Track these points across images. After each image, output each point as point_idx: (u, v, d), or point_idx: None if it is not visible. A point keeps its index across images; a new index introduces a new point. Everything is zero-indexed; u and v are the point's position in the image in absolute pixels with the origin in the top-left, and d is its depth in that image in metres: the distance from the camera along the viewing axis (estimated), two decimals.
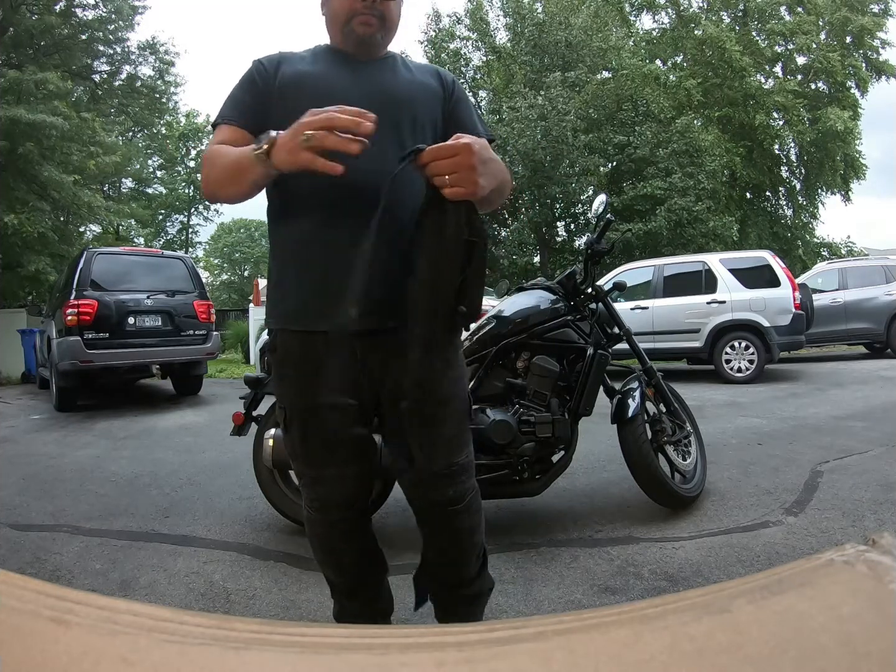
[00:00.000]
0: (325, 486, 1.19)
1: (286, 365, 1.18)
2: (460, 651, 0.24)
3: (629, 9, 17.62)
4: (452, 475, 1.18)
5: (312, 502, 1.22)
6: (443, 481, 1.18)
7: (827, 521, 2.26)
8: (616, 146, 13.82)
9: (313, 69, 1.17)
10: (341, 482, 1.18)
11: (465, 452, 1.21)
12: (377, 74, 1.19)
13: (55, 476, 3.46)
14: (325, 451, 1.17)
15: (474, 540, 1.27)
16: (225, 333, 11.90)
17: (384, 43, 1.20)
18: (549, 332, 2.39)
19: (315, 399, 1.14)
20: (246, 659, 0.23)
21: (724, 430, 3.95)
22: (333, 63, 1.19)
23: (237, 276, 35.78)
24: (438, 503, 1.20)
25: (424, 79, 1.24)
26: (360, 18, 1.14)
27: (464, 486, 1.20)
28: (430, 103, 1.21)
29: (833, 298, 8.44)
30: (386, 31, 1.18)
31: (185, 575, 2.07)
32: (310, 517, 1.25)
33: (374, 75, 1.18)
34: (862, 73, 15.95)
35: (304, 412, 1.16)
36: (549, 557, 2.09)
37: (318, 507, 1.21)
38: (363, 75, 1.17)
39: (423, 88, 1.22)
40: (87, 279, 5.96)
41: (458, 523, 1.23)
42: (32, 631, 0.23)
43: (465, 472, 1.21)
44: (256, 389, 2.51)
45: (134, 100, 15.21)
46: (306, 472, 1.21)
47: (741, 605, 0.26)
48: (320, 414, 1.14)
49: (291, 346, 1.16)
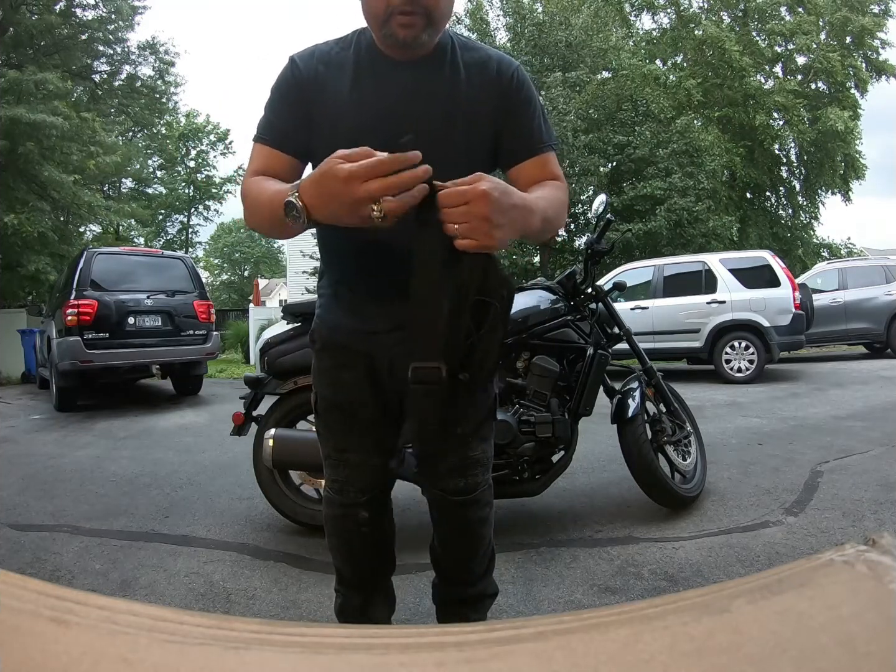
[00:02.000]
0: (347, 469, 1.21)
1: (322, 357, 1.20)
2: (460, 651, 0.24)
3: (629, 9, 17.61)
4: (465, 467, 1.19)
5: (333, 483, 1.24)
6: (454, 472, 1.19)
7: (827, 521, 2.26)
8: (616, 146, 13.80)
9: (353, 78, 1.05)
10: (362, 468, 1.21)
11: (482, 448, 1.22)
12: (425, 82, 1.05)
13: (55, 476, 3.46)
14: (349, 438, 1.20)
15: (483, 532, 1.28)
16: (225, 333, 11.91)
17: (432, 40, 1.03)
18: (549, 332, 2.39)
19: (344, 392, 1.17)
20: (246, 659, 0.23)
21: (724, 430, 3.95)
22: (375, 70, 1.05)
23: (237, 276, 35.80)
24: (448, 491, 1.21)
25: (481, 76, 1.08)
26: (399, 19, 0.96)
27: (476, 478, 1.21)
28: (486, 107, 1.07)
29: (833, 298, 8.44)
30: (433, 28, 1.01)
31: (185, 575, 2.07)
32: (328, 497, 1.27)
33: (422, 83, 1.05)
34: (862, 73, 15.94)
35: (333, 402, 1.19)
36: (549, 557, 2.09)
37: (337, 488, 1.23)
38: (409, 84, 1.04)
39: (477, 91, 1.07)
40: (87, 279, 5.96)
41: (468, 514, 1.24)
42: (32, 631, 0.23)
43: (480, 465, 1.22)
44: (256, 389, 2.51)
45: (134, 100, 15.20)
46: (331, 455, 1.23)
47: (741, 605, 0.26)
48: (348, 407, 1.17)
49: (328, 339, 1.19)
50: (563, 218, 1.10)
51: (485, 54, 1.12)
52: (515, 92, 1.10)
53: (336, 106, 1.04)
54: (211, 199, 27.42)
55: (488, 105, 1.07)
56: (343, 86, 1.05)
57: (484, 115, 1.07)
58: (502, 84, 1.09)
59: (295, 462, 2.28)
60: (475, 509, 1.24)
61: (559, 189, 1.10)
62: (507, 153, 1.11)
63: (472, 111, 1.06)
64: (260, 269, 35.49)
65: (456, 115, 1.05)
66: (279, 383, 2.44)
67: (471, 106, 1.06)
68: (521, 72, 1.12)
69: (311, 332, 1.22)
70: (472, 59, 1.09)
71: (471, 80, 1.07)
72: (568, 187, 1.15)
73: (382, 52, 1.06)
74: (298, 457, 2.23)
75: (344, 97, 1.04)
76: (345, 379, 1.16)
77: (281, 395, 2.45)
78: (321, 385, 1.21)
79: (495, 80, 1.08)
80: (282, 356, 2.41)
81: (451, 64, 1.07)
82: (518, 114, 1.10)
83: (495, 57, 1.12)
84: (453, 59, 1.08)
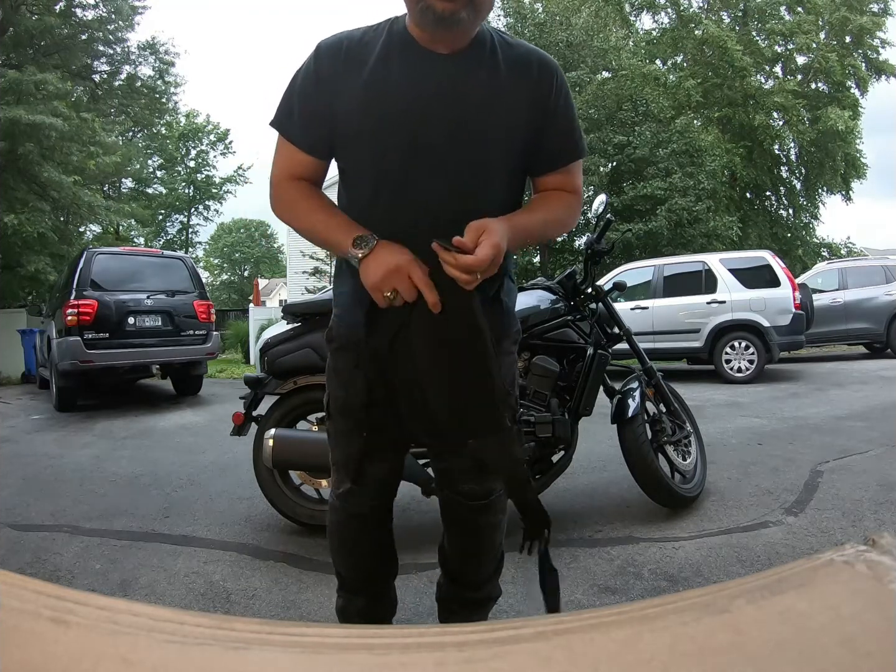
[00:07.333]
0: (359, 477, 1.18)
1: (338, 357, 1.16)
2: (460, 651, 0.24)
3: (629, 9, 17.61)
4: (480, 472, 1.18)
5: (341, 490, 1.20)
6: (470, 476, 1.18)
7: (827, 521, 2.26)
8: (616, 146, 13.81)
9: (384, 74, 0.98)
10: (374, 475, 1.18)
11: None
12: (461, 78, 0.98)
13: (55, 476, 3.46)
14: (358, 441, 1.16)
15: (494, 538, 1.28)
16: (225, 333, 11.90)
17: (473, 24, 0.95)
18: (549, 332, 2.39)
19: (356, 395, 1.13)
20: (246, 659, 0.23)
21: (724, 430, 3.95)
22: (408, 62, 0.99)
23: (237, 276, 35.84)
24: (464, 496, 1.20)
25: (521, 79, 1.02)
26: None
27: (491, 484, 1.21)
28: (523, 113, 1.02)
29: (833, 298, 8.44)
30: (475, 10, 0.93)
31: (185, 575, 2.07)
32: (333, 504, 1.23)
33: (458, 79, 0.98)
34: (862, 72, 15.94)
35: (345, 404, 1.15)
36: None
37: (345, 496, 1.20)
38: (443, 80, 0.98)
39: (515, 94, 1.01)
40: (87, 279, 5.96)
41: (482, 520, 1.23)
42: (32, 631, 0.23)
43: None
44: (256, 389, 2.51)
45: (134, 100, 15.20)
46: (339, 459, 1.20)
47: (741, 605, 0.26)
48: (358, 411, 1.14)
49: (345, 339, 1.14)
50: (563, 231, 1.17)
51: (525, 52, 1.05)
52: (556, 95, 1.05)
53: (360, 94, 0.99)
54: (211, 199, 27.44)
55: (525, 110, 1.02)
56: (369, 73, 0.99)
57: (521, 121, 1.02)
58: (542, 89, 1.03)
59: (295, 462, 2.28)
60: (488, 515, 1.23)
61: (567, 206, 1.12)
62: (540, 161, 1.09)
63: (508, 115, 1.00)
64: (260, 269, 35.50)
65: (489, 119, 0.99)
66: (279, 383, 2.44)
67: (507, 109, 1.00)
68: (562, 76, 1.07)
69: (328, 331, 1.19)
70: (515, 55, 1.03)
71: (510, 81, 1.01)
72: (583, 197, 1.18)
73: (416, 41, 0.99)
74: (298, 457, 2.23)
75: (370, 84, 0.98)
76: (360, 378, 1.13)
77: (281, 395, 2.44)
78: (335, 385, 1.17)
79: (535, 84, 1.03)
80: (282, 356, 2.40)
81: (491, 61, 1.00)
82: (555, 122, 1.06)
83: (536, 57, 1.05)
84: (493, 56, 1.01)
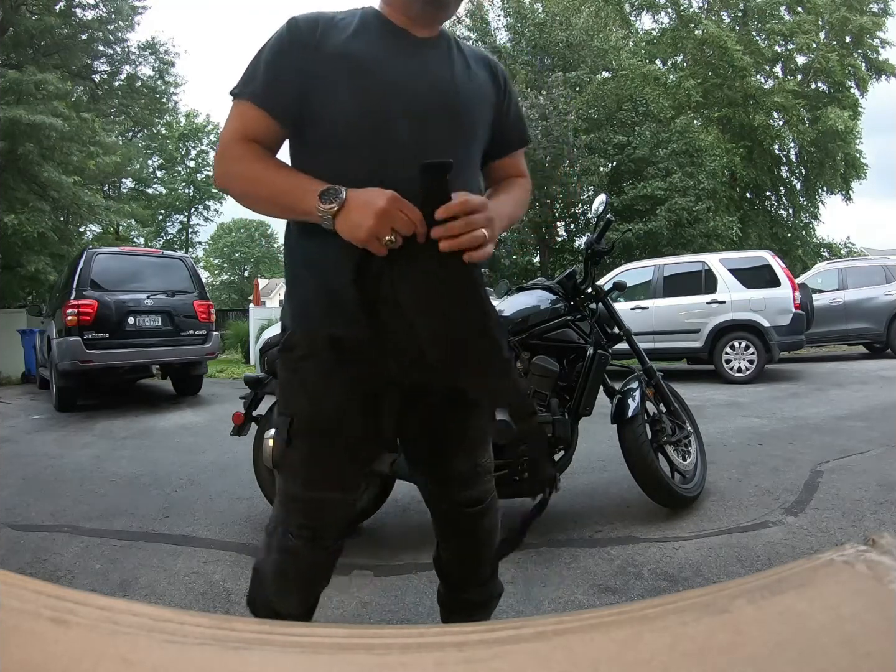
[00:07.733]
0: (324, 511, 1.02)
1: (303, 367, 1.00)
2: (460, 651, 0.24)
3: (629, 9, 17.61)
4: (477, 476, 1.18)
5: (302, 529, 1.01)
6: (468, 482, 1.18)
7: (827, 521, 2.26)
8: (616, 146, 13.82)
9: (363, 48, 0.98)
10: (344, 506, 1.06)
11: (488, 455, 1.22)
12: (436, 65, 1.03)
13: (55, 476, 3.46)
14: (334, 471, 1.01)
15: (493, 540, 1.27)
16: (225, 333, 11.91)
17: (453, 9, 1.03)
18: (549, 332, 2.39)
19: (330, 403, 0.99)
20: (246, 659, 0.23)
21: (724, 430, 3.95)
22: (385, 42, 1.01)
23: (237, 276, 35.83)
24: (462, 504, 1.19)
25: (482, 74, 1.10)
26: None
27: (485, 486, 1.21)
28: (487, 104, 1.10)
29: (833, 298, 8.44)
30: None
31: (185, 575, 2.07)
32: (292, 547, 1.02)
33: (433, 65, 1.03)
34: (862, 72, 15.95)
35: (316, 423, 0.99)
36: (549, 557, 2.09)
37: (308, 535, 1.01)
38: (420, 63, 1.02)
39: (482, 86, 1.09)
40: (87, 279, 5.96)
41: (480, 524, 1.23)
42: (32, 631, 0.23)
43: (487, 473, 1.22)
44: (256, 389, 2.51)
45: (134, 100, 15.21)
46: (301, 496, 1.02)
47: (741, 605, 0.26)
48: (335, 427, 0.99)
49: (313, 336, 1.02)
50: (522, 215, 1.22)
51: (481, 53, 1.16)
52: (508, 90, 1.15)
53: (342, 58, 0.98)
54: (211, 199, 27.43)
55: (489, 97, 1.11)
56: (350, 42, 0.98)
57: (487, 106, 1.10)
58: (497, 79, 1.13)
59: None
60: (487, 518, 1.23)
61: (525, 190, 1.21)
62: (499, 145, 1.16)
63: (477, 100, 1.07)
64: (260, 269, 35.50)
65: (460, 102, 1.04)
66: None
67: (476, 95, 1.07)
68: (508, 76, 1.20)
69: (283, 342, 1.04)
70: (471, 53, 1.12)
71: (477, 74, 1.09)
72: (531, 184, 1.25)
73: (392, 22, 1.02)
74: None
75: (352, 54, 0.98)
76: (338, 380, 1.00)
77: None
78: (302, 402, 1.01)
79: (492, 75, 1.13)
80: None
81: (458, 52, 1.08)
82: (509, 109, 1.16)
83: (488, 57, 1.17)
84: (458, 48, 1.10)
